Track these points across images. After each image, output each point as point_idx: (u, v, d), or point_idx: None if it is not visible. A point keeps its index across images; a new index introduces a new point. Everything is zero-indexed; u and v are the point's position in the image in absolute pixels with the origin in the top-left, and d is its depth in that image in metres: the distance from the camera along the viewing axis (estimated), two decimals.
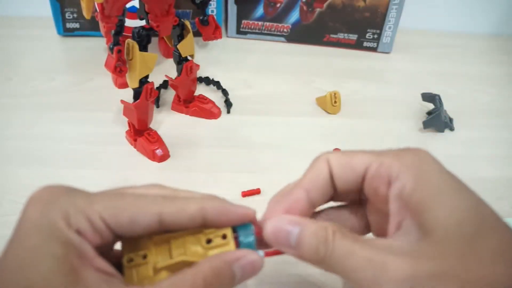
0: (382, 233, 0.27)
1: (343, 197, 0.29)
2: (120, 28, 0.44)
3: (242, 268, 0.24)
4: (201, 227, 0.25)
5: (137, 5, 0.64)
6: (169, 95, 0.60)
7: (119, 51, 0.44)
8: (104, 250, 0.24)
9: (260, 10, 0.73)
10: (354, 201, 0.29)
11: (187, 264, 0.24)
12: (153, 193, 0.26)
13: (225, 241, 0.25)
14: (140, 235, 0.24)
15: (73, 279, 0.21)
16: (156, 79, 0.51)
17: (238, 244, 0.25)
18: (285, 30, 0.74)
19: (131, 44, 0.44)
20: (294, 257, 0.25)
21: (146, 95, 0.48)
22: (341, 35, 0.74)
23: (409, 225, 0.23)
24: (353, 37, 0.73)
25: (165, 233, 0.25)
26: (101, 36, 0.65)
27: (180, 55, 0.51)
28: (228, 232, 0.25)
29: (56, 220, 0.22)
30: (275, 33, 0.75)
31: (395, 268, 0.21)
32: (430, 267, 0.21)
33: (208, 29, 0.52)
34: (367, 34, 0.73)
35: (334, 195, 0.28)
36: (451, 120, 0.59)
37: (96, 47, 0.70)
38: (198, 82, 0.62)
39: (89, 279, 0.22)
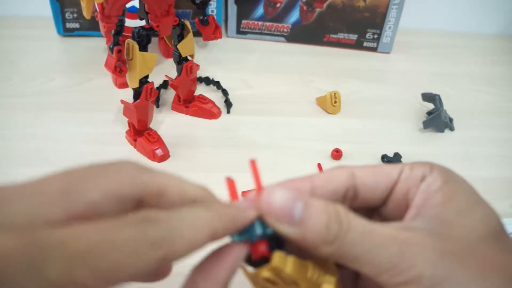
0: None
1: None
2: (120, 28, 0.44)
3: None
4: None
5: (137, 5, 0.64)
6: (169, 95, 0.60)
7: (119, 51, 0.44)
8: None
9: (260, 10, 0.73)
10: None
11: None
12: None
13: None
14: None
15: None
16: (156, 79, 0.51)
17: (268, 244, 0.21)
18: (285, 30, 0.74)
19: (131, 44, 0.44)
20: (291, 238, 0.20)
21: (146, 95, 0.48)
22: (341, 35, 0.74)
23: (428, 213, 0.22)
24: (353, 37, 0.73)
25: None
26: (101, 36, 0.65)
27: (180, 55, 0.51)
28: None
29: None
30: (275, 33, 0.75)
31: (423, 243, 0.20)
32: (455, 247, 0.20)
33: (208, 29, 0.52)
34: (367, 34, 0.73)
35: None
36: (451, 120, 0.59)
37: (96, 47, 0.70)
38: (198, 82, 0.62)
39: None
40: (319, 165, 0.52)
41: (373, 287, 0.24)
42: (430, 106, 0.59)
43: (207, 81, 0.63)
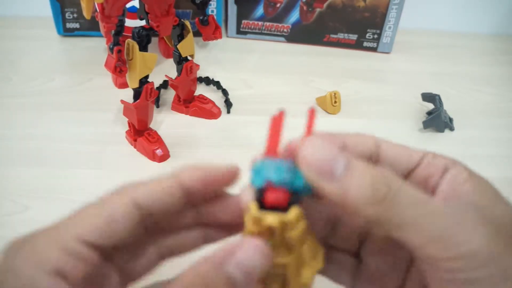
0: None
1: None
2: (120, 28, 0.44)
3: (240, 266, 0.18)
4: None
5: (137, 5, 0.64)
6: (169, 95, 0.60)
7: (119, 51, 0.44)
8: (99, 278, 0.21)
9: (260, 10, 0.73)
10: None
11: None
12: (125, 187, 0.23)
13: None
14: (127, 233, 0.21)
15: None
16: (156, 79, 0.51)
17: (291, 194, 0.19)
18: (285, 30, 0.74)
19: (131, 44, 0.44)
20: (330, 196, 0.18)
21: (146, 95, 0.48)
22: (341, 35, 0.74)
23: (463, 202, 0.21)
24: (353, 37, 0.73)
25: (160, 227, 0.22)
26: (101, 36, 0.65)
27: (180, 55, 0.51)
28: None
29: (26, 267, 0.18)
30: (275, 33, 0.75)
31: (477, 220, 0.19)
32: (504, 229, 0.19)
33: (208, 29, 0.52)
34: (367, 34, 0.73)
35: None
36: (451, 120, 0.59)
37: (96, 47, 0.70)
38: (198, 82, 0.62)
39: None
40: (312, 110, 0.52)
41: (377, 276, 0.24)
42: (430, 106, 0.59)
43: (207, 81, 0.63)
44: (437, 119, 0.56)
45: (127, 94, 0.49)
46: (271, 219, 0.19)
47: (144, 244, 0.23)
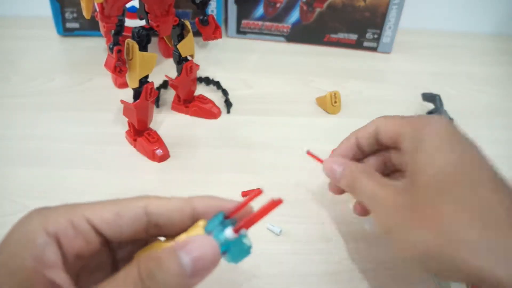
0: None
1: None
2: (120, 28, 0.44)
3: (191, 256, 0.21)
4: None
5: (137, 5, 0.63)
6: (169, 95, 0.60)
7: (119, 51, 0.44)
8: (93, 259, 0.23)
9: (260, 10, 0.73)
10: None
11: None
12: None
13: (193, 227, 0.23)
14: (130, 233, 0.23)
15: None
16: (156, 79, 0.51)
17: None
18: (285, 30, 0.74)
19: (131, 44, 0.44)
20: (338, 185, 0.37)
21: (146, 95, 0.48)
22: (341, 35, 0.74)
23: (409, 171, 0.31)
24: (353, 37, 0.73)
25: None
26: (101, 36, 0.65)
27: (180, 55, 0.51)
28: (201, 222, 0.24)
29: (32, 225, 0.22)
30: (275, 33, 0.75)
31: (384, 198, 0.31)
32: (405, 199, 0.29)
33: (208, 29, 0.52)
34: (367, 34, 0.73)
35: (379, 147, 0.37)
36: (451, 120, 0.59)
37: (96, 47, 0.70)
38: (198, 82, 0.62)
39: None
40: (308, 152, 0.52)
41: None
42: (430, 106, 0.59)
43: (207, 81, 0.63)
44: None
45: (127, 94, 0.49)
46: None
47: (143, 241, 0.25)
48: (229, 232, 0.22)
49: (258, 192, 0.24)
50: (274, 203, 0.23)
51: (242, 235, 0.23)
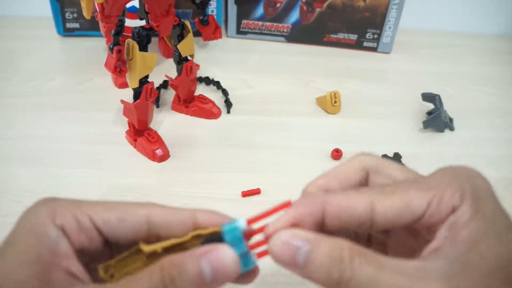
0: (404, 254, 0.25)
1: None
2: (120, 28, 0.44)
3: (211, 264, 0.21)
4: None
5: (137, 5, 0.64)
6: (169, 95, 0.60)
7: (119, 51, 0.44)
8: (95, 257, 0.24)
9: (260, 10, 0.73)
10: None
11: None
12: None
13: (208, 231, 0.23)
14: (130, 238, 0.24)
15: (41, 284, 0.21)
16: (156, 79, 0.51)
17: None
18: (285, 30, 0.74)
19: (131, 44, 0.44)
20: (300, 276, 0.22)
21: (146, 95, 0.48)
22: (341, 35, 0.74)
23: (450, 252, 0.21)
24: (353, 37, 0.73)
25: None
26: (101, 36, 0.65)
27: (180, 55, 0.51)
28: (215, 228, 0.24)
29: (41, 217, 0.22)
30: (275, 33, 0.75)
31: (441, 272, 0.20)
32: None
33: (208, 29, 0.52)
34: (367, 34, 0.73)
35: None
36: (451, 120, 0.59)
37: (96, 47, 0.70)
38: (198, 82, 0.62)
39: (56, 282, 0.21)
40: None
41: (410, 244, 0.25)
42: (430, 106, 0.59)
43: (207, 81, 0.63)
44: (437, 119, 0.56)
45: (127, 94, 0.49)
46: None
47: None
48: (245, 245, 0.23)
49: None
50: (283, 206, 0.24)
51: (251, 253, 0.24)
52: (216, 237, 0.23)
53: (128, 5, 0.52)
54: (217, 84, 0.62)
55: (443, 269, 0.20)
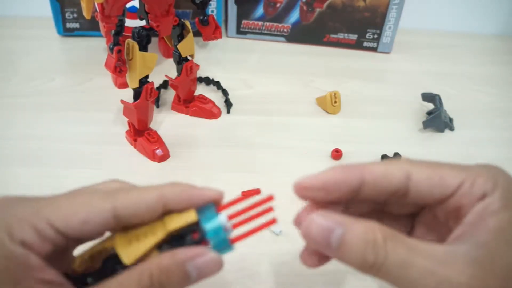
0: (429, 237, 0.26)
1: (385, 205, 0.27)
2: (120, 28, 0.44)
3: (197, 268, 0.22)
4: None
5: (137, 5, 0.64)
6: (169, 95, 0.60)
7: (119, 51, 0.44)
8: (64, 255, 0.24)
9: (260, 10, 0.73)
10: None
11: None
12: (108, 187, 0.25)
13: (186, 214, 0.24)
14: (98, 233, 0.23)
15: None
16: (156, 79, 0.51)
17: (203, 234, 0.23)
18: (285, 30, 0.74)
19: (131, 44, 0.44)
20: (334, 258, 0.22)
21: (146, 95, 0.48)
22: (341, 35, 0.74)
23: (477, 238, 0.21)
24: (353, 37, 0.73)
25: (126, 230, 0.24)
26: (101, 36, 0.65)
27: (180, 55, 0.51)
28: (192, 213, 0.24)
29: None
30: (275, 33, 0.75)
31: (462, 282, 0.20)
32: (495, 283, 0.20)
33: (208, 29, 0.52)
34: (367, 34, 0.73)
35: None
36: (451, 120, 0.59)
37: (96, 47, 0.70)
38: (198, 82, 0.62)
39: None
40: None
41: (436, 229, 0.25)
42: (430, 106, 0.59)
43: (207, 81, 0.63)
44: (437, 119, 0.56)
45: (127, 94, 0.49)
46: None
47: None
48: (223, 218, 0.23)
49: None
50: (265, 200, 0.24)
51: (229, 230, 0.24)
52: (192, 227, 0.24)
53: (128, 5, 0.52)
54: (217, 84, 0.62)
55: (469, 254, 0.21)
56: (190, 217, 0.24)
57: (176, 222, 0.23)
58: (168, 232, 0.23)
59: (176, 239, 0.24)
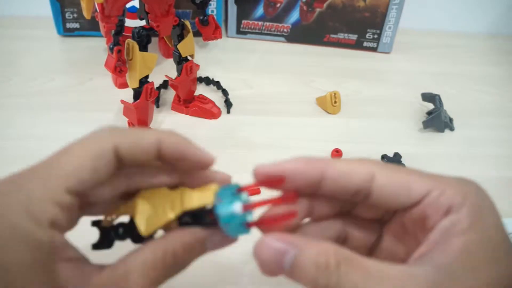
0: (388, 256, 0.25)
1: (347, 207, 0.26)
2: (120, 28, 0.44)
3: (214, 243, 0.24)
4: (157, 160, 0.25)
5: (137, 5, 0.64)
6: (169, 95, 0.60)
7: (119, 51, 0.44)
8: (73, 222, 0.24)
9: (260, 10, 0.73)
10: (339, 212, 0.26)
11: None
12: (103, 132, 0.26)
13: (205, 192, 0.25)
14: (107, 178, 0.24)
15: (48, 280, 0.20)
16: (156, 79, 0.51)
17: (216, 215, 0.23)
18: (285, 30, 0.74)
19: (131, 44, 0.44)
20: (286, 277, 0.22)
21: (146, 95, 0.48)
22: (341, 35, 0.74)
23: (439, 259, 0.20)
24: (353, 37, 0.73)
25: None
26: (101, 36, 0.65)
27: (180, 55, 0.51)
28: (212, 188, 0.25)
29: (19, 219, 0.20)
30: (275, 33, 0.75)
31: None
32: None
33: (208, 29, 0.52)
34: (367, 34, 0.73)
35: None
36: (451, 120, 0.59)
37: (96, 47, 0.70)
38: (198, 82, 0.62)
39: (62, 274, 0.21)
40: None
41: (397, 245, 0.25)
42: (430, 106, 0.59)
43: (207, 81, 0.63)
44: (437, 119, 0.56)
45: (127, 94, 0.49)
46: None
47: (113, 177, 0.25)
48: (237, 207, 0.23)
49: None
50: (286, 199, 0.24)
51: (248, 213, 0.23)
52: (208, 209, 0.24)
53: (128, 5, 0.52)
54: (217, 84, 0.62)
55: (428, 277, 0.20)
56: (207, 198, 0.24)
57: (194, 202, 0.24)
58: (185, 210, 0.24)
59: (195, 213, 0.25)
